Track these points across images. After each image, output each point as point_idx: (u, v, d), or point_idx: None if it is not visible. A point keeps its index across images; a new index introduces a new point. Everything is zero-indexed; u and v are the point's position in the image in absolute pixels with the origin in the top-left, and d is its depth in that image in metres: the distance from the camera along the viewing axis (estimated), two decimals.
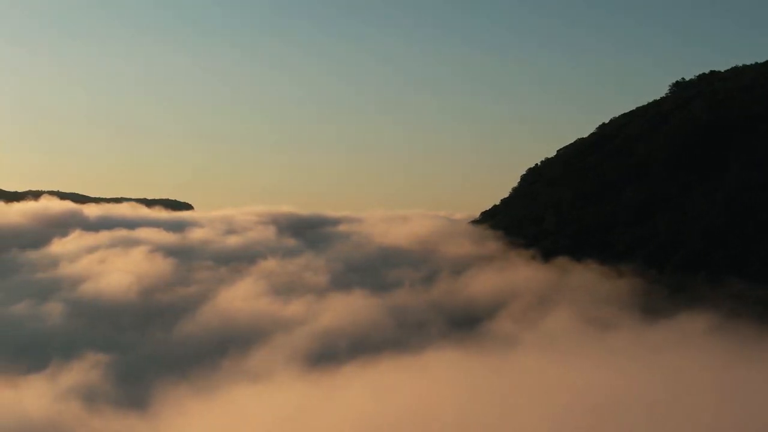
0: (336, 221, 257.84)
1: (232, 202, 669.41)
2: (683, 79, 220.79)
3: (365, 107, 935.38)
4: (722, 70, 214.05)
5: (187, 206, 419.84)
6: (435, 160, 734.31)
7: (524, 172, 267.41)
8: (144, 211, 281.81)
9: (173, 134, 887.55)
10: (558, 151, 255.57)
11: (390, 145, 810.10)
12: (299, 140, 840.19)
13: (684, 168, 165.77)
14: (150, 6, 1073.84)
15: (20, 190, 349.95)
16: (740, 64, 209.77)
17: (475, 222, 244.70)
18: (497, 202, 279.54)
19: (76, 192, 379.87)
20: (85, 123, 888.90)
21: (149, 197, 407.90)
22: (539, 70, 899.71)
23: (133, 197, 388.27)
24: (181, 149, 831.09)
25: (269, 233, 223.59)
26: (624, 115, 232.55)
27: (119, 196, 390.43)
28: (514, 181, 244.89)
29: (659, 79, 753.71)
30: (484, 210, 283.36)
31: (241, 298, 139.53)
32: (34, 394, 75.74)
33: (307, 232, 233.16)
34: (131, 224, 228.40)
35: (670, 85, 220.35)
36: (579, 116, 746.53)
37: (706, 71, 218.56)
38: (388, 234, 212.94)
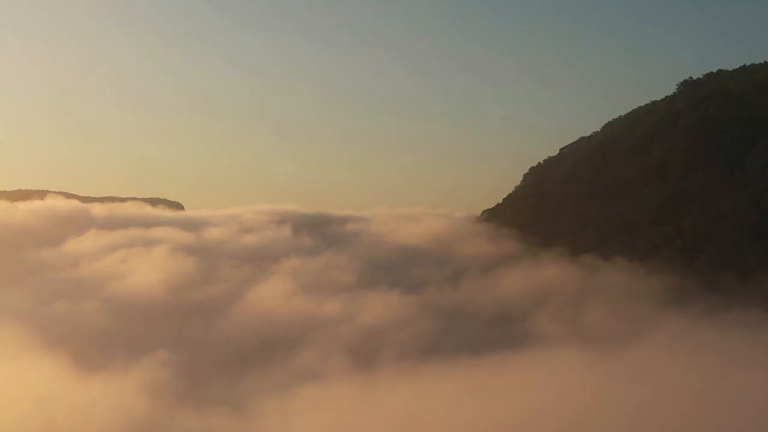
0: (344, 219, 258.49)
1: (221, 202, 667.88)
2: (691, 78, 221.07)
3: (362, 105, 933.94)
4: (730, 69, 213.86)
5: (178, 205, 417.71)
6: (431, 158, 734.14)
7: (527, 171, 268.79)
8: (149, 210, 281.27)
9: (157, 133, 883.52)
10: (562, 149, 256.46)
11: (387, 144, 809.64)
12: (293, 139, 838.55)
13: (703, 167, 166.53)
14: (150, 6, 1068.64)
15: (8, 189, 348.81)
16: (748, 63, 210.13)
17: (485, 220, 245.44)
18: (498, 200, 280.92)
19: (64, 191, 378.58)
20: (72, 122, 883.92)
21: (139, 196, 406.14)
22: (534, 69, 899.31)
23: (121, 196, 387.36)
24: (166, 148, 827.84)
25: (285, 232, 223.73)
26: (631, 113, 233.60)
27: (107, 195, 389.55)
28: (510, 179, 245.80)
29: (656, 79, 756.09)
30: (485, 208, 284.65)
31: (274, 296, 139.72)
32: (113, 390, 75.71)
33: (320, 230, 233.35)
34: (146, 223, 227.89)
35: (678, 84, 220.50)
36: (574, 115, 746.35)
37: (714, 70, 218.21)
38: (401, 232, 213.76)
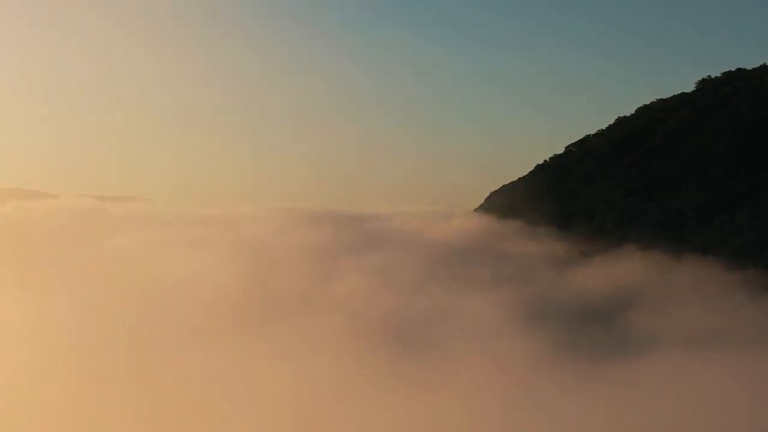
0: (362, 217, 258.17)
1: (206, 200, 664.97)
2: (709, 76, 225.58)
3: (357, 103, 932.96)
4: (749, 68, 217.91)
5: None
6: (424, 157, 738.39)
7: (532, 168, 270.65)
8: (161, 208, 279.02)
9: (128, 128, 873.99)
10: (568, 147, 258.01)
11: (380, 142, 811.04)
12: (288, 138, 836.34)
13: (743, 165, 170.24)
14: (153, 5, 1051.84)
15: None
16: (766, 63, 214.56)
17: (500, 218, 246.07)
18: (498, 197, 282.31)
19: (36, 189, 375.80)
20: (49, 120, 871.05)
21: (106, 194, 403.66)
22: (533, 68, 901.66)
23: (92, 194, 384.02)
24: (146, 146, 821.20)
25: (328, 229, 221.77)
26: (643, 110, 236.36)
27: (81, 193, 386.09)
28: (500, 175, 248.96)
29: (653, 78, 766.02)
30: (474, 205, 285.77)
31: (356, 294, 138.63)
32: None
33: (351, 228, 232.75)
34: (182, 221, 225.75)
35: (696, 82, 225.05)
36: (567, 114, 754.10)
37: (732, 69, 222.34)
38: (432, 230, 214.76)
